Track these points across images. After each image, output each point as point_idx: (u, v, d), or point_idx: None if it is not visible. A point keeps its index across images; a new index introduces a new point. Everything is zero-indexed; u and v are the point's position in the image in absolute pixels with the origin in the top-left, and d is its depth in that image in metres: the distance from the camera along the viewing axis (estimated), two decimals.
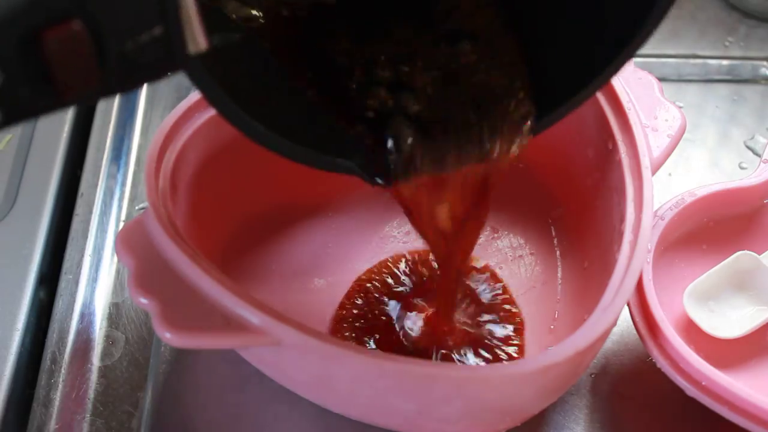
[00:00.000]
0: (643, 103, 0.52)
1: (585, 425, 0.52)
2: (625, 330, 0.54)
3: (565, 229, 0.57)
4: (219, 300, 0.43)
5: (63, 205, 0.61)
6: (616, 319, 0.45)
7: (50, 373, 0.53)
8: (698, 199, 0.54)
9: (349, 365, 0.44)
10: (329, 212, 0.58)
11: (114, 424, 0.51)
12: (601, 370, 0.54)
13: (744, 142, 0.66)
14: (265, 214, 0.57)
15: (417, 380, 0.43)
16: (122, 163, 0.63)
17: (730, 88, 0.70)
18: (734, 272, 0.53)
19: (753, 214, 0.56)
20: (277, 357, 0.46)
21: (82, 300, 0.56)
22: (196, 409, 0.52)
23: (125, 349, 0.54)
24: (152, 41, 0.32)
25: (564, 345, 0.43)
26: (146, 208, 0.47)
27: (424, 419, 0.46)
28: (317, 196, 0.57)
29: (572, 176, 0.56)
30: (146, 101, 0.66)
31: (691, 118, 0.61)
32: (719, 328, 0.52)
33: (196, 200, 0.51)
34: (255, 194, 0.56)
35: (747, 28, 0.73)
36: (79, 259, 0.57)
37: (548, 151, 0.58)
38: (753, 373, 0.51)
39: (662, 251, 0.53)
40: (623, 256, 0.46)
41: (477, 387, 0.44)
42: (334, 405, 0.49)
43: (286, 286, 0.55)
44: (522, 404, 0.47)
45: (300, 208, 0.58)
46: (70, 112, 0.65)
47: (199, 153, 0.51)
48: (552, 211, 0.58)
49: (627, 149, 0.50)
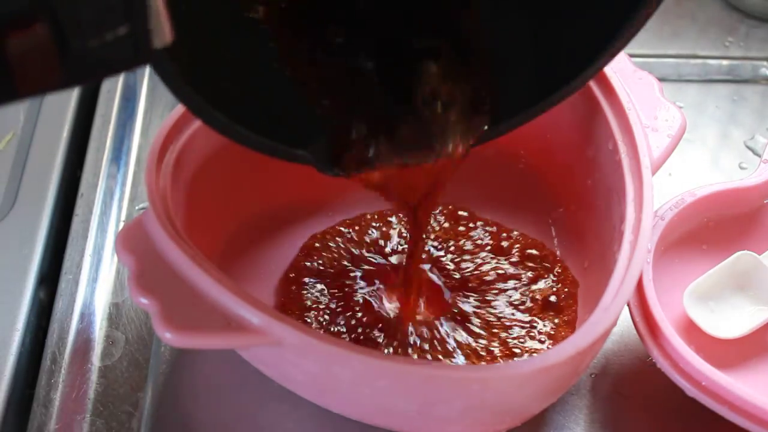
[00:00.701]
0: (643, 104, 0.52)
1: (585, 425, 0.52)
2: (625, 330, 0.54)
3: (565, 229, 0.57)
4: (219, 300, 0.43)
5: (63, 205, 0.61)
6: (617, 319, 0.45)
7: (50, 373, 0.53)
8: (698, 199, 0.54)
9: (349, 365, 0.44)
10: (329, 212, 0.58)
11: (114, 424, 0.51)
12: (602, 370, 0.54)
13: (744, 142, 0.66)
14: (265, 214, 0.57)
15: (417, 380, 0.43)
16: (122, 164, 0.63)
17: (730, 88, 0.70)
18: (734, 272, 0.53)
19: (753, 214, 0.56)
20: (277, 357, 0.46)
21: (82, 300, 0.56)
22: (196, 409, 0.52)
23: (125, 349, 0.54)
24: (117, 39, 0.32)
25: (564, 345, 0.43)
26: (146, 208, 0.47)
27: (424, 419, 0.46)
28: (317, 196, 0.57)
29: (572, 176, 0.56)
30: (146, 101, 0.66)
31: (691, 118, 0.61)
32: (719, 328, 0.52)
33: (196, 200, 0.51)
34: (255, 194, 0.55)
35: (747, 28, 0.73)
36: (79, 259, 0.57)
37: (548, 151, 0.58)
38: (753, 373, 0.51)
39: (662, 251, 0.53)
40: (623, 256, 0.46)
41: (477, 387, 0.44)
42: (334, 405, 0.49)
43: None
44: (522, 404, 0.47)
45: (300, 208, 0.58)
46: (71, 112, 0.65)
47: (199, 153, 0.51)
48: (552, 211, 0.58)
49: (627, 149, 0.50)
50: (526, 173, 0.59)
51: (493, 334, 0.52)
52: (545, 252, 0.56)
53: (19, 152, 0.62)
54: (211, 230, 0.53)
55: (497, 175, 0.59)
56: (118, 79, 0.66)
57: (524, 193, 0.58)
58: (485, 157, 0.60)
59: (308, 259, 0.55)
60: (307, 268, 0.55)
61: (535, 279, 0.55)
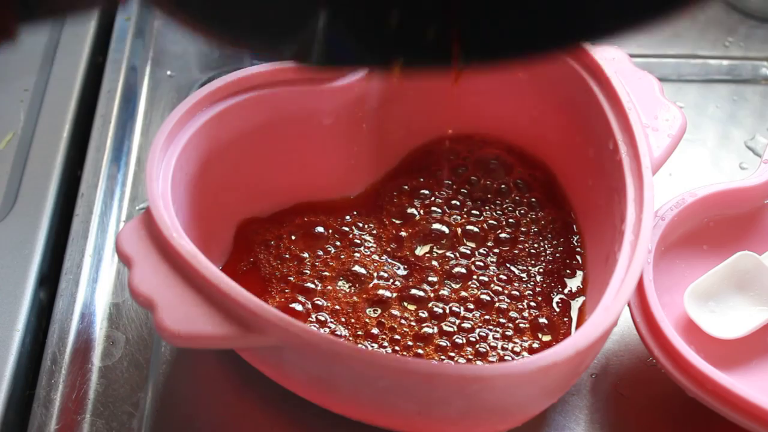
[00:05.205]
0: (643, 103, 0.52)
1: (585, 426, 0.52)
2: (626, 330, 0.54)
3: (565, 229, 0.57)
4: (219, 300, 0.43)
5: (63, 206, 0.61)
6: (617, 319, 0.45)
7: (50, 374, 0.53)
8: (699, 199, 0.54)
9: (349, 365, 0.44)
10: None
11: (114, 424, 0.51)
12: (602, 370, 0.54)
13: (744, 143, 0.66)
14: (264, 214, 0.56)
15: (417, 380, 0.43)
16: (122, 164, 0.63)
17: (730, 88, 0.70)
18: (735, 272, 0.53)
19: (753, 214, 0.56)
20: (277, 357, 0.46)
21: (83, 300, 0.56)
22: (196, 409, 0.52)
23: (125, 350, 0.54)
24: None
25: (564, 345, 0.43)
26: (146, 208, 0.47)
27: (424, 419, 0.46)
28: (317, 195, 0.57)
29: (572, 176, 0.56)
30: (146, 101, 0.66)
31: (691, 118, 0.61)
32: (720, 328, 0.52)
33: (196, 200, 0.51)
34: (255, 194, 0.55)
35: (747, 29, 0.73)
36: (79, 259, 0.57)
37: (548, 151, 0.58)
38: (754, 373, 0.51)
39: (663, 251, 0.53)
40: (624, 256, 0.46)
41: (477, 387, 0.44)
42: (334, 405, 0.49)
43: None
44: (522, 404, 0.47)
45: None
46: (71, 112, 0.65)
47: (199, 153, 0.51)
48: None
49: (627, 149, 0.50)
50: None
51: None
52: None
53: (19, 152, 0.62)
54: (211, 230, 0.53)
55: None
56: (118, 79, 0.66)
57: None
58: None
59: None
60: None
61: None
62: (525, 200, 0.58)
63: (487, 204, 0.58)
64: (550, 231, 0.56)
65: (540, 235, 0.56)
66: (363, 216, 0.57)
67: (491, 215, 0.57)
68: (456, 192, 0.58)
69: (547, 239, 0.56)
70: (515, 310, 0.53)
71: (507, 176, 0.59)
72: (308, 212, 0.57)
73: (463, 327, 0.52)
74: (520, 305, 0.53)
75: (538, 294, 0.53)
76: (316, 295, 0.53)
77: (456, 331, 0.52)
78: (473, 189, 0.58)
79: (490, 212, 0.57)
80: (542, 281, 0.54)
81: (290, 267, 0.54)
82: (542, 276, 0.54)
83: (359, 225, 0.57)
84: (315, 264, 0.54)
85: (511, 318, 0.52)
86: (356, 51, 0.40)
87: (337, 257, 0.55)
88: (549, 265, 0.55)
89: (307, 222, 0.56)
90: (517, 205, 0.58)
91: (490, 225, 0.56)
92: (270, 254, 0.55)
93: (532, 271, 0.55)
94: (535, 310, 0.53)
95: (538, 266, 0.55)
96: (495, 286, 0.54)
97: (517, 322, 0.52)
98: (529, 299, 0.53)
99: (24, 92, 0.65)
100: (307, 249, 0.55)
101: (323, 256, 0.55)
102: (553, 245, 0.56)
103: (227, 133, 0.52)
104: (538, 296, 0.53)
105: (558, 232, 0.56)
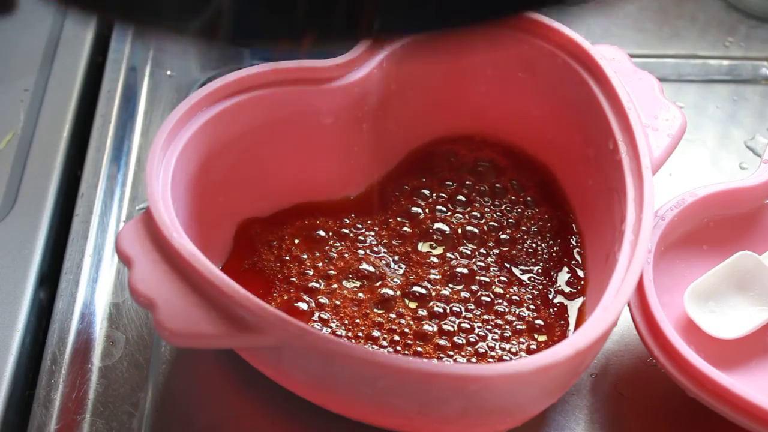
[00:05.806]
0: (643, 103, 0.52)
1: (585, 426, 0.52)
2: (626, 330, 0.54)
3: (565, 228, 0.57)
4: (219, 300, 0.43)
5: (63, 206, 0.61)
6: (617, 319, 0.45)
7: (50, 374, 0.53)
8: (699, 199, 0.54)
9: (349, 365, 0.44)
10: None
11: (114, 424, 0.51)
12: (602, 370, 0.54)
13: (744, 143, 0.66)
14: (264, 214, 0.56)
15: (417, 380, 0.43)
16: (122, 164, 0.63)
17: (730, 88, 0.70)
18: (735, 272, 0.53)
19: (753, 214, 0.56)
20: (277, 357, 0.46)
21: (83, 300, 0.56)
22: (196, 409, 0.52)
23: (125, 350, 0.54)
24: None
25: (564, 345, 0.43)
26: (146, 208, 0.47)
27: (424, 419, 0.46)
28: (317, 195, 0.57)
29: (572, 176, 0.56)
30: (146, 101, 0.66)
31: (691, 118, 0.61)
32: (720, 329, 0.52)
33: (196, 200, 0.51)
34: (255, 194, 0.55)
35: (747, 29, 0.73)
36: (79, 259, 0.57)
37: (548, 151, 0.58)
38: (754, 373, 0.51)
39: (663, 251, 0.53)
40: (624, 256, 0.46)
41: (477, 387, 0.44)
42: (334, 405, 0.49)
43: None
44: (522, 404, 0.47)
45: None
46: (71, 112, 0.65)
47: (199, 153, 0.51)
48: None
49: (627, 149, 0.50)
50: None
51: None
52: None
53: (19, 152, 0.62)
54: (211, 230, 0.53)
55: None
56: (118, 79, 0.66)
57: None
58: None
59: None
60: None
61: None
62: (525, 200, 0.58)
63: (488, 204, 0.58)
64: (550, 231, 0.56)
65: (540, 235, 0.56)
66: (363, 216, 0.57)
67: (492, 216, 0.57)
68: (456, 192, 0.58)
69: (546, 239, 0.56)
70: (514, 312, 0.53)
71: (507, 176, 0.59)
72: (308, 212, 0.57)
73: (463, 327, 0.52)
74: (519, 309, 0.53)
75: (537, 297, 0.53)
76: (320, 293, 0.53)
77: (456, 331, 0.52)
78: (473, 189, 0.58)
79: (490, 213, 0.57)
80: (542, 281, 0.54)
81: (292, 267, 0.54)
82: (542, 276, 0.54)
83: (358, 226, 0.57)
84: (317, 265, 0.54)
85: (510, 320, 0.52)
86: (264, 26, 0.39)
87: (340, 256, 0.55)
88: (548, 264, 0.55)
89: (308, 224, 0.56)
90: (518, 205, 0.58)
91: (490, 226, 0.56)
92: (272, 254, 0.55)
93: (532, 271, 0.55)
94: (534, 311, 0.53)
95: (538, 266, 0.55)
96: (496, 288, 0.54)
97: (514, 324, 0.52)
98: (528, 302, 0.53)
99: (24, 92, 0.65)
100: (307, 250, 0.55)
101: (325, 256, 0.55)
102: (552, 245, 0.56)
103: (227, 133, 0.52)
104: (537, 299, 0.53)
105: (557, 232, 0.56)
